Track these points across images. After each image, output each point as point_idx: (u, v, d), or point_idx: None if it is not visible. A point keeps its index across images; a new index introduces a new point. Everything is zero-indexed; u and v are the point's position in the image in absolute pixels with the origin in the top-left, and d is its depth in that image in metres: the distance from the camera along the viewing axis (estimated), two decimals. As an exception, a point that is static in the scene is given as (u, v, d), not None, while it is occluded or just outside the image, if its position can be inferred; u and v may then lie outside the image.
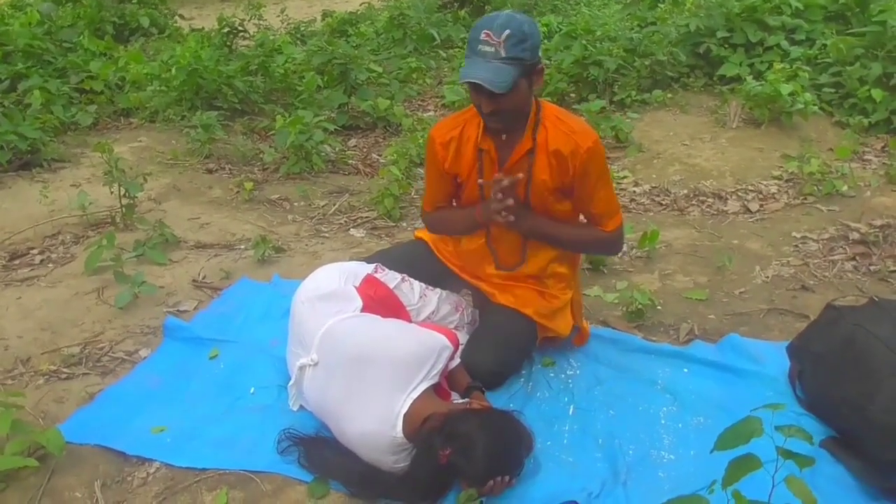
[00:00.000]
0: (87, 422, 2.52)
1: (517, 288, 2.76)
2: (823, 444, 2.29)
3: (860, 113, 5.55)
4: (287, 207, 4.65)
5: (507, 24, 2.29)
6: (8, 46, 6.72)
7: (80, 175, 5.03)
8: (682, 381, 2.67)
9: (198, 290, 3.47)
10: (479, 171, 2.60)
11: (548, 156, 2.51)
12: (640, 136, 5.53)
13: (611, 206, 2.61)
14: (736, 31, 6.40)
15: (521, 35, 2.29)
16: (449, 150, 2.64)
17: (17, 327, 3.15)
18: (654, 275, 3.55)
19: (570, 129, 2.49)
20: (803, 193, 4.49)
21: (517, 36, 2.28)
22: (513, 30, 2.28)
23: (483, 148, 2.57)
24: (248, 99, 6.48)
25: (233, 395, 2.66)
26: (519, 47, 2.29)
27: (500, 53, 2.29)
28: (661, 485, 2.20)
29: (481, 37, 2.31)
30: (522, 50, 2.30)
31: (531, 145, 2.51)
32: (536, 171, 2.54)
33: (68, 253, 3.90)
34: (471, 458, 2.04)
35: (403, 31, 8.61)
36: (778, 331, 3.03)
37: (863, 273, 3.52)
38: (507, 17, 2.32)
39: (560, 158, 2.49)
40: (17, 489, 2.24)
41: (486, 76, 2.28)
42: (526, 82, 2.39)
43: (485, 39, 2.30)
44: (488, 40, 2.29)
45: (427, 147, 2.75)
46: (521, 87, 2.37)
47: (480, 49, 2.31)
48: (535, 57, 2.38)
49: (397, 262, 2.78)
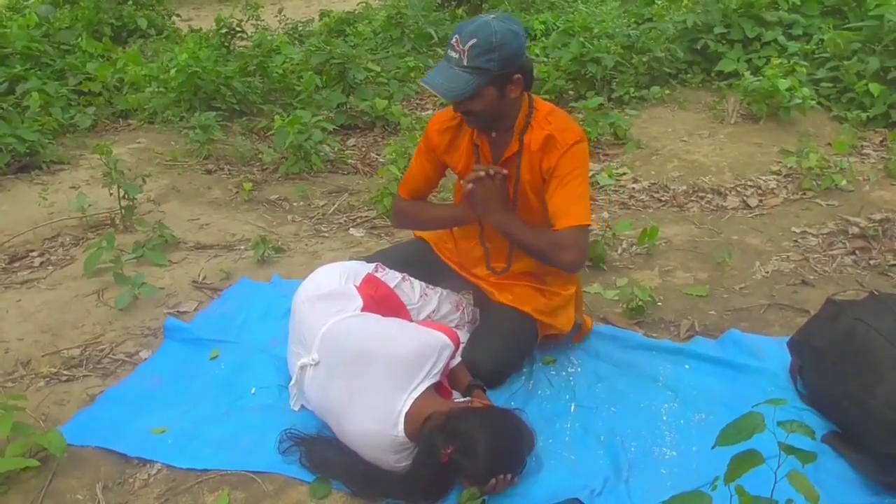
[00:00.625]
0: (88, 423, 2.52)
1: (516, 286, 2.76)
2: (825, 438, 2.30)
3: (858, 107, 5.56)
4: (286, 207, 4.65)
5: (476, 32, 2.28)
6: (6, 49, 6.72)
7: (79, 177, 5.03)
8: (683, 378, 2.67)
9: (198, 291, 3.47)
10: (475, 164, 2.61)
11: (530, 156, 2.52)
12: (638, 133, 5.53)
13: (568, 205, 2.44)
14: (733, 26, 6.40)
15: (487, 45, 2.27)
16: (444, 138, 2.66)
17: (18, 330, 3.15)
18: (654, 271, 3.55)
19: (554, 128, 2.48)
20: (802, 188, 4.48)
21: (482, 46, 2.27)
22: (479, 39, 2.27)
23: (477, 143, 2.59)
24: (247, 99, 6.48)
25: (234, 395, 2.66)
26: (483, 57, 2.28)
27: (462, 62, 2.30)
28: (664, 481, 2.20)
29: (452, 41, 2.33)
30: (487, 60, 2.28)
31: (518, 147, 2.52)
32: (523, 172, 2.55)
33: (68, 255, 3.90)
34: (472, 456, 2.04)
35: (401, 31, 8.61)
36: (778, 326, 3.03)
37: (862, 267, 3.52)
38: (480, 24, 2.30)
39: (548, 157, 2.49)
40: (18, 491, 2.23)
41: (440, 83, 2.33)
42: (494, 91, 2.36)
43: (453, 45, 2.32)
44: (455, 46, 2.31)
45: (423, 135, 2.76)
46: (487, 96, 2.36)
47: (448, 54, 2.34)
48: (507, 67, 2.33)
49: (397, 262, 2.78)
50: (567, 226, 2.42)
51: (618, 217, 4.28)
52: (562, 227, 2.43)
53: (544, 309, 2.72)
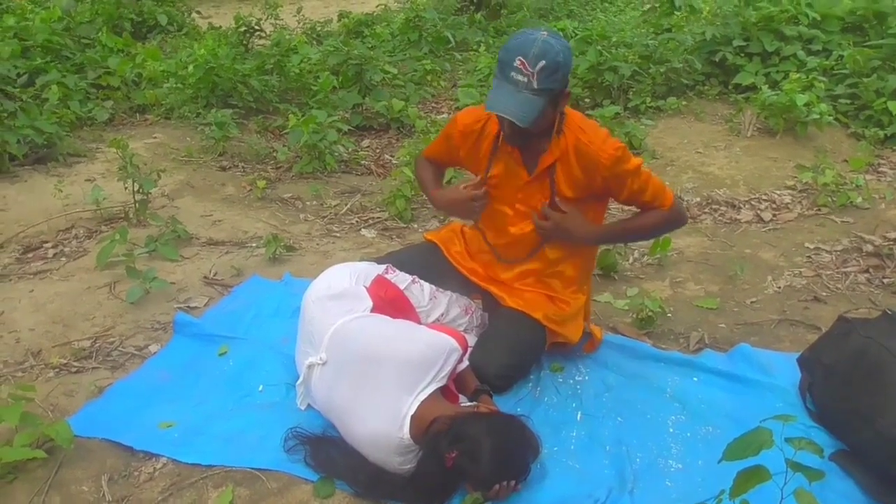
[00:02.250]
0: (95, 415, 2.53)
1: (526, 292, 2.75)
2: (833, 457, 2.28)
3: (876, 125, 5.53)
4: (299, 206, 4.66)
5: (543, 54, 2.24)
6: (27, 41, 6.76)
7: (95, 170, 5.05)
8: (691, 390, 2.66)
9: (209, 287, 3.48)
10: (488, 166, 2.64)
11: (570, 168, 2.52)
12: (653, 143, 5.51)
13: (657, 188, 2.59)
14: (752, 40, 6.38)
15: (554, 66, 2.26)
16: (467, 141, 2.67)
17: (29, 320, 3.17)
18: (665, 282, 3.54)
19: (591, 140, 2.48)
20: (817, 204, 4.47)
21: (551, 67, 2.25)
22: (548, 61, 2.25)
23: (506, 150, 2.58)
24: (263, 98, 6.50)
25: (241, 392, 2.67)
26: (551, 78, 2.27)
27: (532, 85, 2.26)
28: (669, 493, 2.19)
29: (515, 63, 2.26)
30: (554, 81, 2.28)
31: (553, 160, 2.52)
32: (559, 182, 2.55)
33: (81, 247, 3.92)
34: (477, 461, 2.03)
35: (419, 33, 8.62)
36: (789, 342, 3.01)
37: (876, 286, 3.50)
38: (544, 45, 2.26)
39: (586, 170, 2.51)
40: (24, 481, 2.24)
41: (514, 111, 2.28)
42: (551, 108, 2.38)
43: (518, 67, 2.26)
44: (521, 69, 2.25)
45: (449, 124, 2.77)
46: (546, 114, 2.37)
47: (512, 76, 2.27)
48: (565, 83, 2.35)
49: (407, 264, 2.78)
50: (671, 202, 2.62)
51: (630, 227, 4.27)
52: (669, 205, 2.62)
53: (554, 316, 2.71)
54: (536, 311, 2.68)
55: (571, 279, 2.77)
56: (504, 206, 2.69)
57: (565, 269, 2.75)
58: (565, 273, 2.75)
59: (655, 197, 2.59)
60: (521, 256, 2.75)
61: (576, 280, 2.78)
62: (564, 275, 2.75)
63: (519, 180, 2.60)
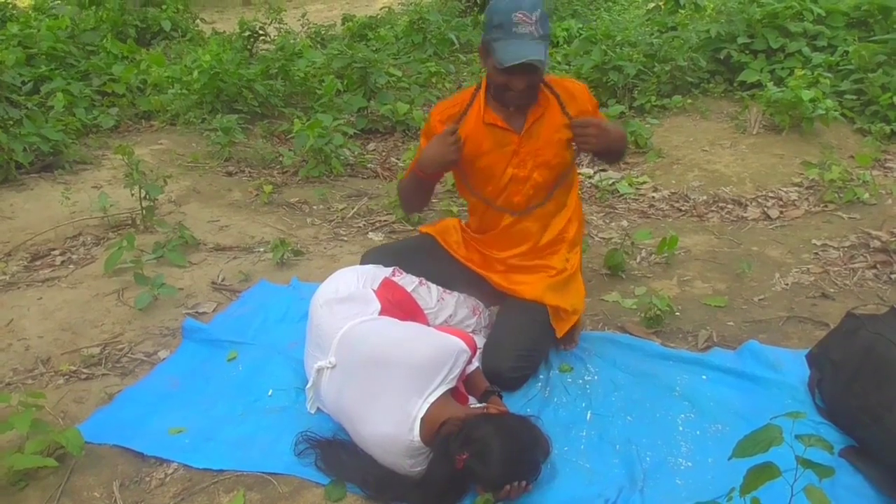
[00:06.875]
0: (105, 422, 2.54)
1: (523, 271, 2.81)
2: (843, 453, 2.27)
3: (882, 120, 5.51)
4: (306, 210, 4.67)
5: (535, 3, 2.39)
6: (32, 49, 6.79)
7: (102, 177, 5.07)
8: (700, 388, 2.66)
9: (217, 293, 3.49)
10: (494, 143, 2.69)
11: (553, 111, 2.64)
12: (659, 142, 5.51)
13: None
14: (757, 37, 6.37)
15: (545, 13, 2.43)
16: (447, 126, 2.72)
17: (38, 327, 3.18)
18: (673, 281, 3.53)
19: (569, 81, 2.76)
20: (824, 201, 4.46)
21: (545, 15, 2.43)
22: (541, 9, 2.41)
23: (489, 122, 2.66)
24: (268, 102, 6.52)
25: (251, 397, 2.67)
26: (546, 24, 2.44)
27: (538, 32, 2.39)
28: (679, 492, 2.19)
29: (515, 18, 2.37)
30: (548, 27, 2.46)
31: (541, 112, 2.64)
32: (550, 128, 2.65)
33: (89, 254, 3.94)
34: (487, 462, 2.03)
35: (423, 36, 8.63)
36: (797, 338, 3.01)
37: (884, 281, 3.49)
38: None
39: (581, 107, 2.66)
40: (36, 488, 2.25)
41: (538, 56, 2.39)
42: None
43: (521, 20, 2.37)
44: (525, 20, 2.37)
45: (426, 125, 2.83)
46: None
47: (517, 31, 2.38)
48: None
49: (400, 254, 2.85)
50: None
51: (637, 226, 4.27)
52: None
53: (555, 286, 2.74)
54: (537, 289, 2.72)
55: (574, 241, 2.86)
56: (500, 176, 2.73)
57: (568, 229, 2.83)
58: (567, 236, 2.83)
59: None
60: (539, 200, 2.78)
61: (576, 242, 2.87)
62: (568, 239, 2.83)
63: (511, 143, 2.67)
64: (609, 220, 4.42)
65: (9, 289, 3.54)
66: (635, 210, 4.58)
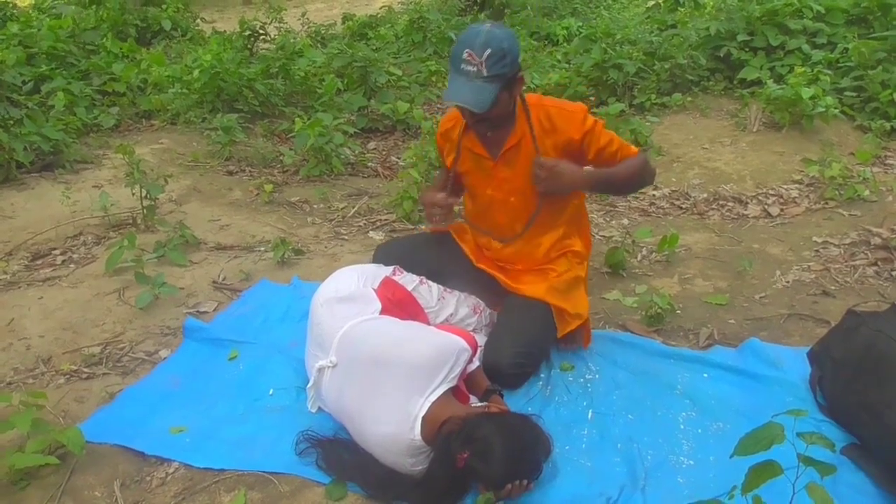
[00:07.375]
0: (107, 421, 2.54)
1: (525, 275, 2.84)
2: (844, 450, 2.27)
3: (882, 117, 5.51)
4: (306, 209, 4.67)
5: (487, 42, 2.37)
6: (32, 48, 6.79)
7: (102, 176, 5.07)
8: (701, 386, 2.66)
9: (217, 292, 3.49)
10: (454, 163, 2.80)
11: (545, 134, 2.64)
12: (659, 140, 5.51)
13: (621, 141, 2.71)
14: (757, 34, 6.37)
15: (500, 53, 2.38)
16: (448, 143, 2.86)
17: (39, 327, 3.18)
18: (674, 279, 3.53)
19: (559, 104, 2.68)
20: (824, 198, 4.45)
21: (497, 54, 2.38)
22: (493, 48, 2.37)
23: (466, 146, 2.74)
24: (269, 101, 6.52)
25: (252, 396, 2.67)
26: (499, 65, 2.39)
27: (483, 73, 2.39)
28: (680, 490, 2.19)
29: (464, 55, 2.40)
30: (502, 66, 2.40)
31: (516, 141, 2.65)
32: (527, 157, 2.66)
33: (90, 254, 3.94)
34: (488, 461, 2.03)
35: (423, 35, 8.64)
36: (798, 336, 3.00)
37: (884, 278, 3.48)
38: (488, 34, 2.40)
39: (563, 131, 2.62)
40: (37, 487, 2.25)
41: (469, 98, 2.41)
42: (507, 94, 2.50)
43: (467, 59, 2.39)
44: (470, 60, 2.39)
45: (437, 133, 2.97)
46: (502, 100, 2.49)
47: (463, 68, 2.41)
48: (515, 68, 2.47)
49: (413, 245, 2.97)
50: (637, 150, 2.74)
51: (638, 224, 4.27)
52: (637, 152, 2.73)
53: (557, 286, 2.76)
54: (539, 287, 2.74)
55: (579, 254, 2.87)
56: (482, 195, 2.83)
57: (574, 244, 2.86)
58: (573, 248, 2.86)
59: (622, 147, 2.70)
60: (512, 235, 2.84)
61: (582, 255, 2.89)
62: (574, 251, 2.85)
63: (487, 167, 2.74)
64: (609, 219, 4.42)
65: (9, 288, 3.54)
66: (636, 208, 4.58)
